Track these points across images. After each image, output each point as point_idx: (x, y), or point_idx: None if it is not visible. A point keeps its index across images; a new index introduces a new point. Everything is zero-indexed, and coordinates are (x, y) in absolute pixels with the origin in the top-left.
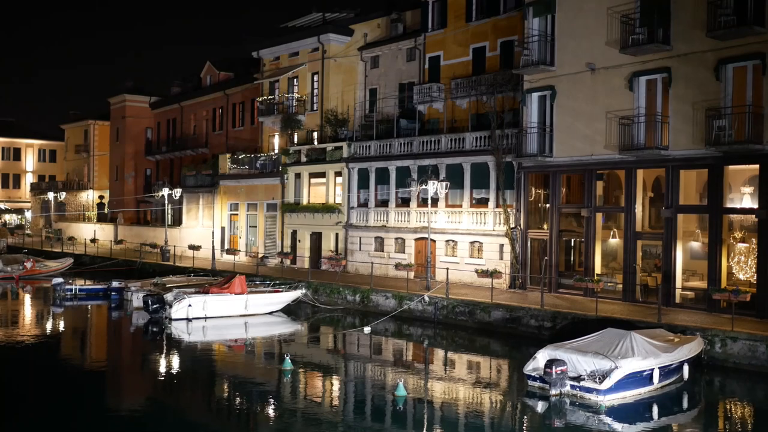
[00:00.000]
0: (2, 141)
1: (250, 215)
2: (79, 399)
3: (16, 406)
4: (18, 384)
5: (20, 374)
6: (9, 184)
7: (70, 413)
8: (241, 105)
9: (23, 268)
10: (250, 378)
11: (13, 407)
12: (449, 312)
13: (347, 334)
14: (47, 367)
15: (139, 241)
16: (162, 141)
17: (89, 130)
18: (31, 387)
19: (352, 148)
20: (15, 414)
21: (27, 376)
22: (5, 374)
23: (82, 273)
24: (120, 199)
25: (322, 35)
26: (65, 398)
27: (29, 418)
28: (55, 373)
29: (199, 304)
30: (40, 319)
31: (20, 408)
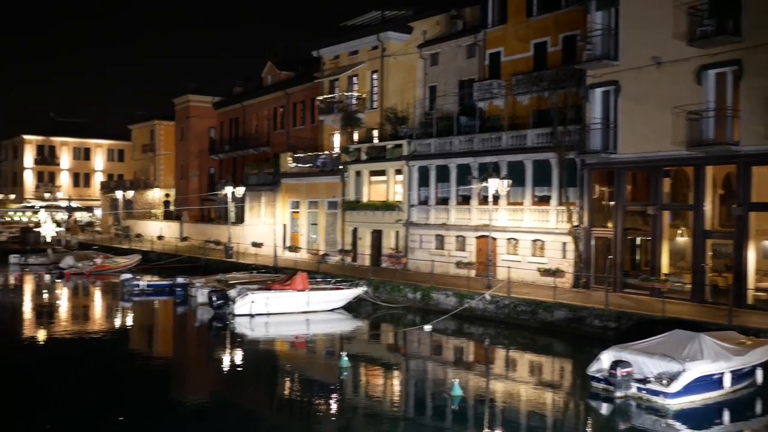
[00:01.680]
0: (73, 141)
1: (311, 213)
2: (146, 392)
3: (86, 397)
4: (88, 376)
5: (90, 367)
6: (80, 183)
7: (138, 405)
8: (302, 104)
9: (93, 264)
10: (311, 374)
11: (84, 398)
12: (511, 311)
13: (407, 332)
14: (116, 360)
15: (204, 238)
16: (225, 140)
17: (155, 130)
18: (100, 379)
19: (412, 146)
20: (86, 405)
21: (97, 368)
22: (76, 366)
23: (149, 269)
24: (185, 197)
25: (381, 33)
26: (133, 391)
27: (99, 409)
28: (124, 366)
29: (262, 301)
30: (110, 314)
31: (90, 399)
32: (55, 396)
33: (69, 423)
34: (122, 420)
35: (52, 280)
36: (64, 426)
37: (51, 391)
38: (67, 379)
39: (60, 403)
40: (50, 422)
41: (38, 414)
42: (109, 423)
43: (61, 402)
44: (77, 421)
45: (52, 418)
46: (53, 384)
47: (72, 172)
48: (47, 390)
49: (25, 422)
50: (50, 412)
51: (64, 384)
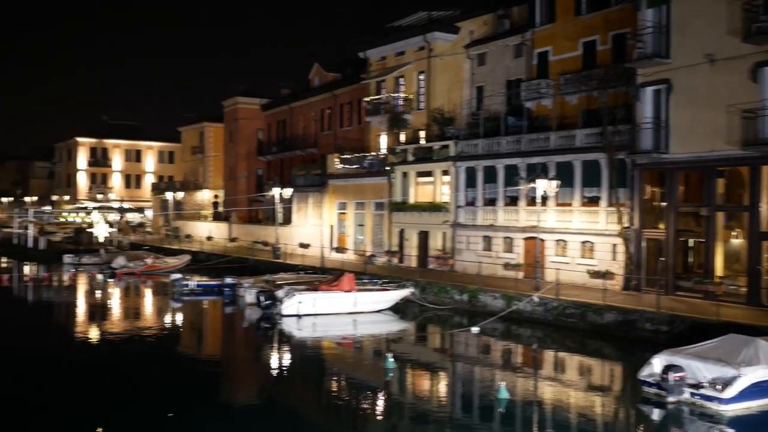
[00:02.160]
0: (125, 144)
1: (357, 214)
2: (195, 390)
3: (137, 393)
4: (139, 373)
5: (141, 364)
6: (131, 185)
7: (187, 403)
8: (349, 105)
9: (144, 265)
10: (357, 375)
11: (135, 394)
12: (559, 313)
13: (454, 334)
14: (166, 358)
15: (252, 239)
16: (273, 142)
17: (204, 132)
18: (151, 377)
19: (459, 147)
20: (137, 401)
21: (148, 366)
22: (128, 364)
23: (198, 269)
24: (233, 198)
25: (428, 34)
26: (182, 388)
27: (149, 405)
28: (173, 364)
29: (309, 301)
30: (160, 313)
31: (141, 395)
32: (108, 391)
33: (121, 417)
34: (171, 416)
35: (104, 279)
36: (115, 420)
37: (104, 386)
38: (119, 376)
39: (112, 398)
40: (103, 416)
41: (91, 408)
42: (159, 418)
43: (113, 397)
44: (129, 416)
45: (104, 413)
46: (106, 380)
47: (124, 174)
48: (100, 386)
49: (79, 416)
50: (103, 407)
51: (116, 380)
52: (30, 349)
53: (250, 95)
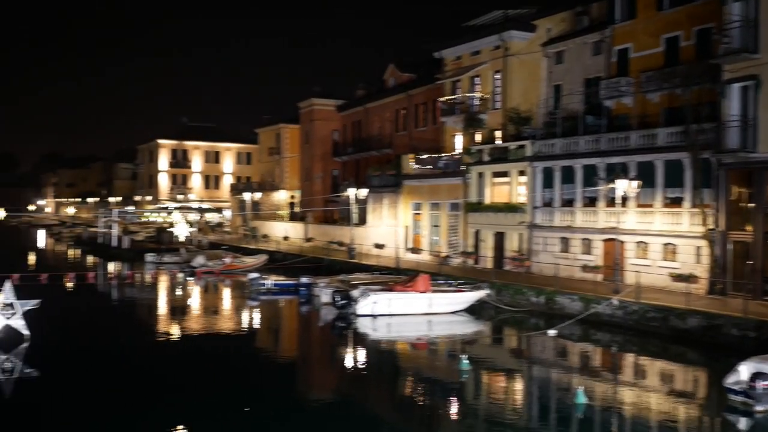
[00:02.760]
0: (204, 145)
1: (433, 215)
2: (271, 386)
3: (216, 389)
4: (218, 369)
5: (220, 361)
6: (210, 185)
7: (263, 399)
8: (424, 105)
9: (223, 264)
10: (432, 376)
11: (214, 390)
12: (640, 317)
13: (530, 337)
14: (244, 355)
15: (327, 239)
16: (348, 142)
17: (281, 133)
18: (228, 373)
19: (535, 147)
20: (215, 395)
21: (226, 363)
22: (207, 361)
23: (274, 269)
24: (309, 198)
25: (504, 33)
26: (259, 385)
27: (227, 400)
28: (251, 361)
29: (384, 302)
30: (238, 311)
31: (219, 390)
32: (189, 385)
33: (200, 410)
34: (248, 410)
35: (184, 278)
36: (196, 413)
37: (184, 381)
38: (199, 371)
39: (192, 392)
40: (183, 409)
41: (172, 401)
42: (236, 412)
43: (194, 391)
44: (208, 409)
45: (185, 406)
46: (186, 375)
47: (203, 175)
48: (181, 380)
49: (161, 409)
50: (184, 400)
51: (196, 375)
52: (114, 345)
53: (325, 96)
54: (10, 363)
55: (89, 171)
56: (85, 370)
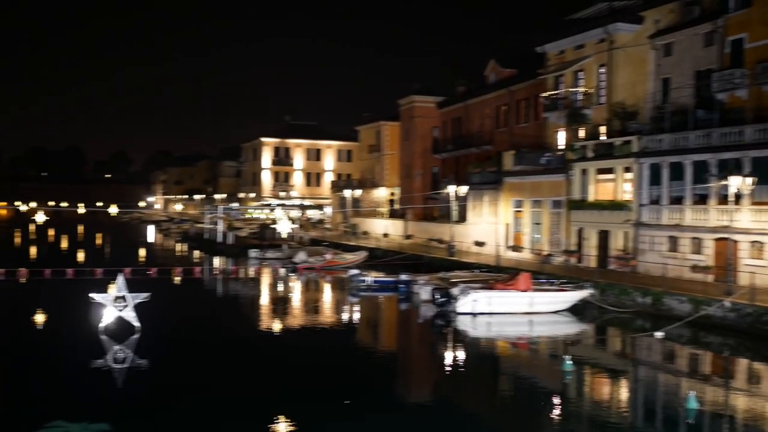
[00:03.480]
0: (306, 143)
1: (534, 212)
2: (371, 381)
3: (317, 382)
4: (319, 363)
5: (321, 355)
6: (312, 182)
7: (362, 393)
8: (525, 101)
9: (324, 260)
10: (533, 376)
11: (314, 383)
12: (755, 320)
13: (636, 338)
14: (344, 350)
15: (427, 236)
16: (448, 139)
17: (381, 130)
18: (330, 367)
19: (642, 142)
20: (315, 387)
21: (326, 357)
22: (308, 354)
23: (374, 266)
24: (409, 196)
25: (609, 25)
26: (359, 379)
27: (327, 392)
28: (351, 356)
29: (484, 300)
30: (338, 307)
31: (319, 383)
32: (289, 378)
33: (301, 401)
34: (348, 403)
35: (286, 273)
36: (296, 404)
37: (285, 373)
38: (299, 364)
39: (292, 383)
40: (284, 400)
41: (274, 392)
42: (336, 405)
43: (294, 383)
44: (309, 400)
45: (285, 397)
46: (287, 367)
47: (305, 172)
48: (282, 372)
49: (263, 399)
50: (284, 391)
51: (297, 368)
52: (219, 337)
53: (425, 93)
54: (123, 353)
55: (196, 169)
56: (191, 361)
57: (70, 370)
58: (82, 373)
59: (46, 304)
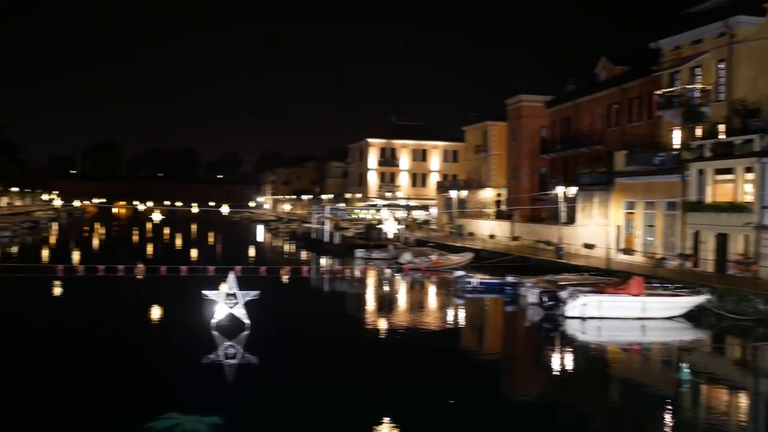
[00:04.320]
0: (412, 144)
1: (647, 214)
2: (476, 382)
3: (422, 381)
4: (422, 365)
5: (425, 356)
6: (417, 183)
7: (468, 394)
8: (638, 99)
9: (429, 261)
10: (646, 384)
11: (419, 382)
12: None
13: (758, 347)
14: (449, 351)
15: (534, 238)
16: (556, 139)
17: (487, 131)
18: (433, 368)
19: (765, 141)
20: (421, 389)
21: (431, 357)
22: (412, 354)
23: (480, 267)
24: (516, 196)
25: (730, 18)
26: (464, 380)
27: (432, 393)
28: (456, 357)
29: (594, 304)
30: (443, 308)
31: (425, 383)
32: (394, 377)
33: (405, 400)
34: (453, 403)
35: (391, 274)
36: (400, 402)
37: (390, 372)
38: (404, 363)
39: (397, 382)
40: (389, 399)
41: (379, 390)
42: (441, 403)
43: (399, 382)
44: (412, 399)
45: (390, 395)
46: (392, 366)
47: (410, 173)
48: (387, 371)
49: (368, 396)
50: (389, 390)
51: (402, 367)
52: (326, 335)
53: (533, 93)
54: (233, 349)
55: (304, 170)
56: (298, 358)
57: (183, 364)
58: (194, 367)
59: (162, 300)
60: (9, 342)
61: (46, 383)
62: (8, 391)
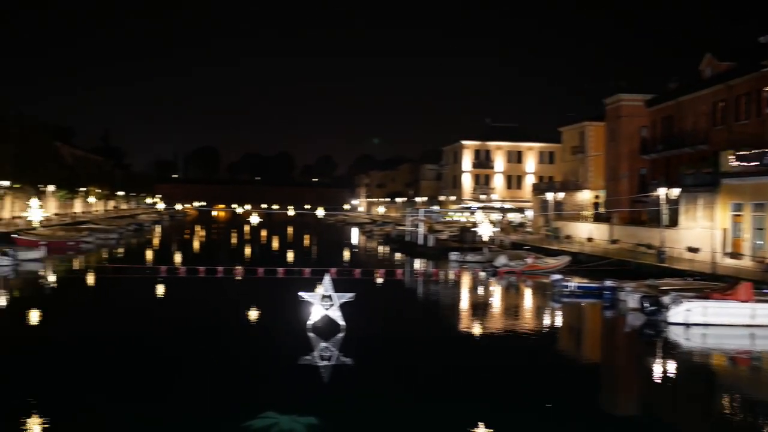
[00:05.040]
0: (507, 145)
1: (756, 216)
2: (575, 389)
3: (519, 385)
4: (518, 368)
5: (521, 360)
6: (512, 185)
7: (566, 401)
8: (746, 96)
9: (525, 264)
10: (755, 396)
11: (516, 386)
12: None
13: None
14: (545, 356)
15: (634, 241)
16: (657, 139)
17: (584, 131)
18: (529, 372)
19: None
20: (518, 392)
21: (527, 362)
22: (508, 359)
23: (577, 271)
24: (614, 198)
25: None
26: (561, 387)
27: (529, 396)
28: (552, 362)
29: (699, 310)
30: (539, 313)
31: (521, 387)
32: (490, 379)
33: (500, 402)
34: (549, 407)
35: (486, 277)
36: (495, 404)
37: (486, 375)
38: (499, 367)
39: (492, 385)
40: (484, 401)
41: (474, 393)
42: (537, 407)
43: (494, 385)
44: (508, 402)
45: (485, 398)
46: (487, 370)
47: (505, 175)
48: (482, 374)
49: (464, 400)
50: (485, 392)
51: (497, 371)
52: (419, 338)
53: (633, 92)
54: (329, 351)
55: (397, 172)
56: (393, 360)
57: (280, 364)
58: (291, 367)
59: (259, 301)
60: (97, 345)
61: (144, 382)
62: (108, 386)
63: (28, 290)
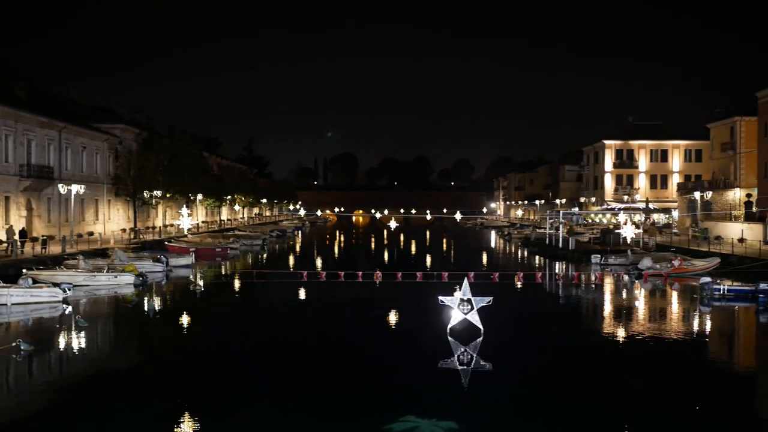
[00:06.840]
0: (650, 144)
1: None
2: (721, 401)
3: (661, 395)
4: (663, 377)
5: (666, 367)
6: (657, 185)
7: (713, 411)
8: None
9: (671, 266)
10: None
11: (659, 396)
12: None
13: None
14: (694, 363)
15: None
16: None
17: (735, 126)
18: (674, 381)
19: None
20: (665, 402)
21: (673, 370)
22: (653, 365)
23: (728, 273)
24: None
25: None
26: (704, 398)
27: (675, 406)
28: (701, 371)
29: None
30: (687, 317)
31: (668, 398)
32: (634, 385)
33: (645, 408)
34: (698, 409)
35: (630, 280)
36: (639, 409)
37: (630, 381)
38: (645, 373)
39: (638, 392)
40: (625, 407)
41: (619, 400)
42: (685, 413)
43: (640, 391)
44: (654, 407)
45: (628, 403)
46: (633, 375)
47: (648, 174)
48: (628, 380)
49: (608, 405)
50: (627, 398)
51: (644, 377)
52: (560, 344)
53: None
54: (468, 355)
55: (536, 174)
56: (533, 365)
57: (420, 368)
58: (430, 371)
59: (399, 305)
60: (246, 344)
61: (287, 384)
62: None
63: (182, 294)
